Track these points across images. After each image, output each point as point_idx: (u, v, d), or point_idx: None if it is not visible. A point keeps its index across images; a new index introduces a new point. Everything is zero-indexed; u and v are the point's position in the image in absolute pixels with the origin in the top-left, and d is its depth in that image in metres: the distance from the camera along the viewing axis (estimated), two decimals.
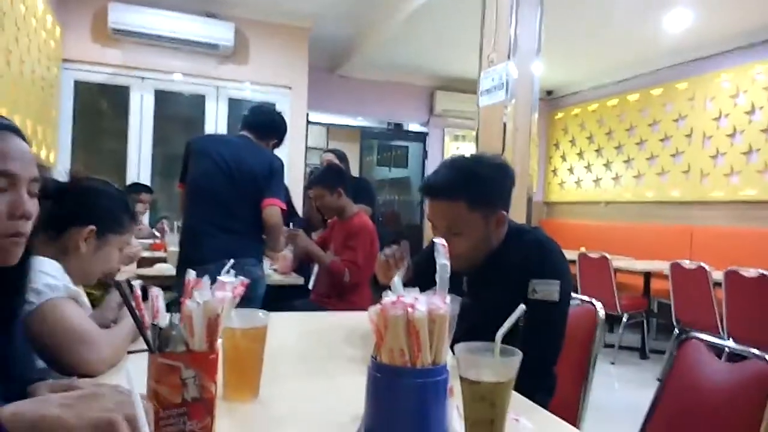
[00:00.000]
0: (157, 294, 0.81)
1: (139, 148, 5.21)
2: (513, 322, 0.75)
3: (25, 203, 0.81)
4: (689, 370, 1.27)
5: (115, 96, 5.22)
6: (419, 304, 0.69)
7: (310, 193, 3.52)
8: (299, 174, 5.43)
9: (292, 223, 3.05)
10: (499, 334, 0.74)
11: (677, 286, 4.15)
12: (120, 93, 5.15)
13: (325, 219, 3.64)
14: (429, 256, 1.63)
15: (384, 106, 7.11)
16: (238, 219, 2.50)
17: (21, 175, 0.81)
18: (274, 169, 2.56)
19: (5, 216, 0.79)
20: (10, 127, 0.83)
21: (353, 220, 3.05)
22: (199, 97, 5.42)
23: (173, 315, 0.81)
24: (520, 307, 0.76)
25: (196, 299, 0.78)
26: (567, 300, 1.39)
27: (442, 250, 0.75)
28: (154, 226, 4.79)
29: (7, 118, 0.84)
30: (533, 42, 2.99)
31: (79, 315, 1.12)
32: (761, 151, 4.98)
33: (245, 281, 0.93)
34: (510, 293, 1.17)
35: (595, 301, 1.58)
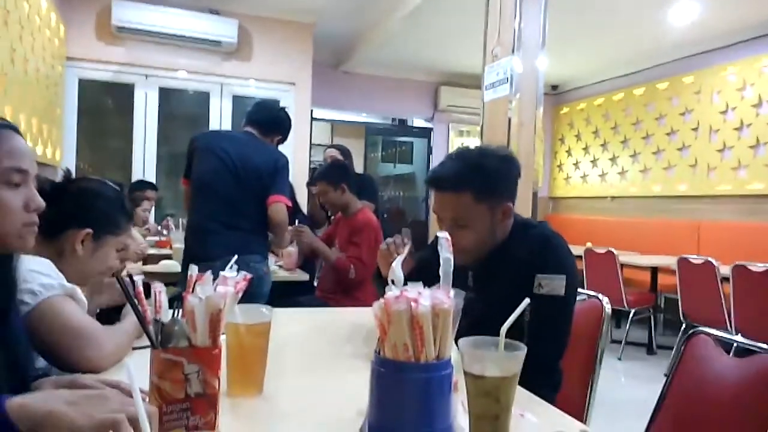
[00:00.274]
0: (160, 289, 0.81)
1: (144, 146, 5.22)
2: (517, 315, 0.74)
3: (37, 197, 0.89)
4: (696, 364, 1.25)
5: (119, 94, 5.23)
6: (423, 298, 0.68)
7: (313, 189, 3.51)
8: (303, 171, 5.42)
9: (297, 221, 3.05)
10: (504, 328, 0.74)
11: (684, 281, 4.13)
12: (124, 91, 5.16)
13: (329, 216, 3.64)
14: (434, 251, 1.62)
15: (388, 102, 7.09)
16: (243, 216, 2.49)
17: (30, 171, 0.88)
18: (280, 166, 2.54)
19: (23, 208, 0.87)
20: (12, 127, 0.89)
21: (357, 216, 3.05)
22: (204, 94, 5.42)
23: (176, 310, 0.80)
24: (525, 301, 0.75)
25: (198, 294, 0.77)
26: (573, 295, 1.38)
27: (446, 244, 0.75)
28: (160, 223, 4.80)
29: (5, 119, 0.90)
30: (538, 36, 2.97)
31: (77, 312, 1.11)
32: None
33: (248, 276, 0.93)
34: (516, 288, 1.16)
35: (601, 296, 1.57)
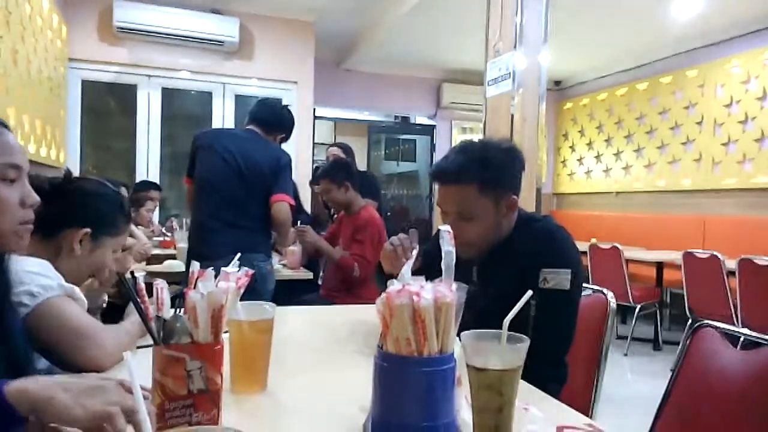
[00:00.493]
0: (162, 286, 0.81)
1: (147, 146, 5.23)
2: (520, 307, 0.74)
3: (33, 193, 0.88)
4: (703, 358, 1.25)
5: (122, 94, 5.24)
6: (425, 292, 0.68)
7: (316, 188, 3.51)
8: (306, 169, 5.42)
9: (299, 221, 3.04)
10: (506, 320, 0.73)
11: (690, 276, 4.11)
12: (127, 91, 5.17)
13: (332, 214, 3.63)
14: (436, 246, 1.62)
15: (391, 99, 7.08)
16: (246, 214, 2.49)
17: (24, 167, 0.87)
18: (282, 165, 2.54)
19: (19, 205, 0.86)
20: (2, 123, 0.87)
21: (361, 214, 3.05)
22: (206, 94, 5.43)
23: (178, 308, 0.80)
24: (527, 293, 0.75)
25: (199, 290, 0.77)
26: (578, 289, 1.37)
27: (447, 237, 0.74)
28: (164, 223, 4.81)
29: None
30: (540, 31, 2.96)
31: (78, 312, 1.11)
32: None
33: (249, 272, 0.93)
34: (520, 282, 1.15)
35: (606, 290, 1.56)
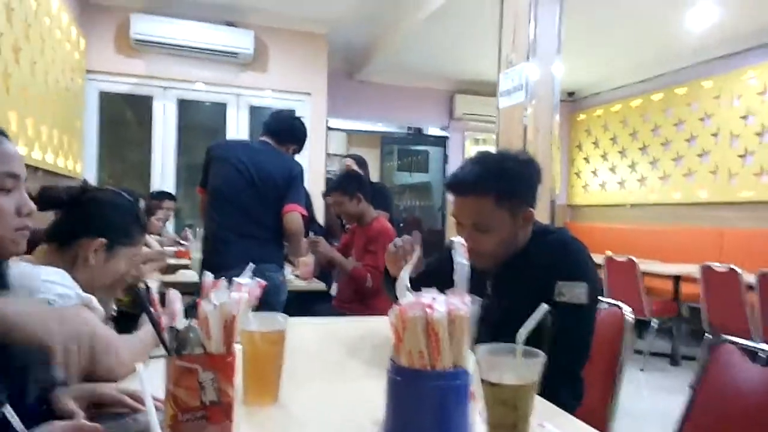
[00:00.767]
0: (175, 297, 0.81)
1: (163, 157, 5.29)
2: (536, 322, 0.73)
3: (29, 201, 0.89)
4: (723, 374, 1.22)
5: (138, 106, 5.31)
6: (438, 304, 0.67)
7: (328, 200, 3.51)
8: (319, 180, 5.44)
9: (312, 232, 3.05)
10: (521, 334, 0.72)
11: (708, 290, 4.04)
12: (143, 103, 5.24)
13: (344, 225, 3.63)
14: (440, 260, 1.60)
15: (404, 110, 7.10)
16: (259, 225, 2.50)
17: (21, 176, 0.87)
18: (294, 175, 2.55)
19: (15, 213, 0.86)
20: (1, 131, 0.88)
21: (373, 225, 3.04)
22: (221, 106, 5.48)
23: (191, 318, 0.80)
24: (542, 306, 0.74)
25: (212, 301, 0.77)
26: (595, 302, 1.35)
27: (461, 249, 0.74)
28: (179, 233, 4.84)
29: None
30: (553, 42, 2.95)
31: (94, 321, 1.12)
32: None
33: (262, 283, 0.92)
34: (535, 295, 1.13)
35: (622, 304, 1.53)
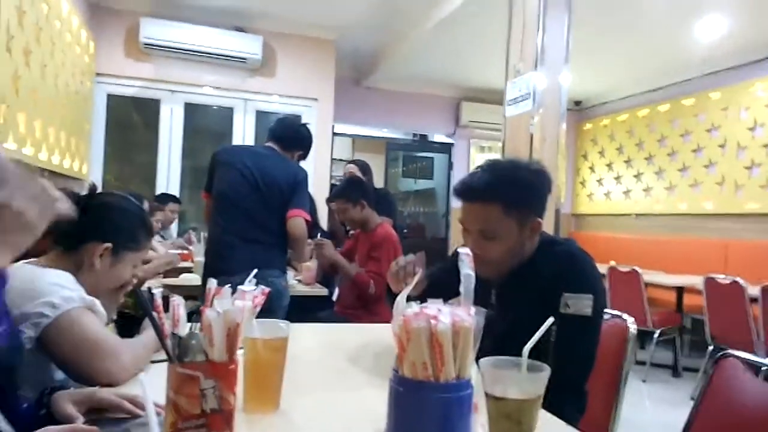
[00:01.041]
0: (178, 303, 0.81)
1: (169, 160, 5.30)
2: (541, 335, 0.72)
3: None
4: (726, 388, 1.21)
5: (146, 109, 5.34)
6: (443, 315, 0.67)
7: (332, 206, 3.52)
8: (324, 185, 5.45)
9: (319, 235, 3.05)
10: (527, 348, 0.71)
11: (712, 302, 4.02)
12: (151, 106, 5.27)
13: (347, 231, 3.63)
14: (442, 270, 1.59)
15: (410, 117, 7.11)
16: (264, 230, 2.50)
17: None
18: (299, 181, 2.56)
19: None
20: None
21: (377, 231, 3.04)
22: (228, 110, 5.50)
23: (194, 324, 0.80)
24: (549, 320, 0.73)
25: (216, 308, 0.77)
26: (600, 315, 1.34)
27: (467, 260, 0.73)
28: (182, 236, 4.85)
29: None
30: (561, 51, 2.95)
31: (96, 325, 1.12)
32: None
33: (266, 290, 0.92)
34: (540, 306, 1.13)
35: (626, 316, 1.53)
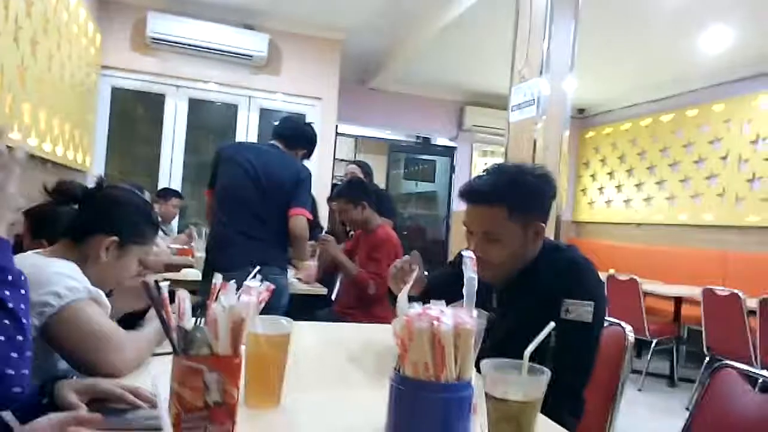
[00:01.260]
0: (184, 297, 0.82)
1: (172, 154, 5.31)
2: (542, 339, 0.73)
3: None
4: (722, 399, 1.22)
5: (150, 103, 5.35)
6: (445, 317, 0.68)
7: (333, 206, 3.53)
8: (326, 185, 5.45)
9: (320, 232, 3.06)
10: (528, 351, 0.72)
11: (709, 313, 4.03)
12: (155, 100, 5.27)
13: (348, 231, 3.64)
14: (443, 274, 1.60)
15: (413, 119, 7.12)
16: (265, 227, 2.51)
17: None
18: (302, 179, 2.57)
19: None
20: None
21: (378, 233, 3.05)
22: (232, 107, 5.51)
23: (199, 318, 0.81)
24: (550, 325, 0.74)
25: (222, 303, 0.78)
26: (600, 322, 1.35)
27: (470, 263, 0.74)
28: (183, 231, 4.86)
29: None
30: (566, 58, 2.95)
31: (101, 316, 1.13)
32: None
33: (271, 287, 0.93)
34: (541, 311, 1.14)
35: (624, 324, 1.54)
